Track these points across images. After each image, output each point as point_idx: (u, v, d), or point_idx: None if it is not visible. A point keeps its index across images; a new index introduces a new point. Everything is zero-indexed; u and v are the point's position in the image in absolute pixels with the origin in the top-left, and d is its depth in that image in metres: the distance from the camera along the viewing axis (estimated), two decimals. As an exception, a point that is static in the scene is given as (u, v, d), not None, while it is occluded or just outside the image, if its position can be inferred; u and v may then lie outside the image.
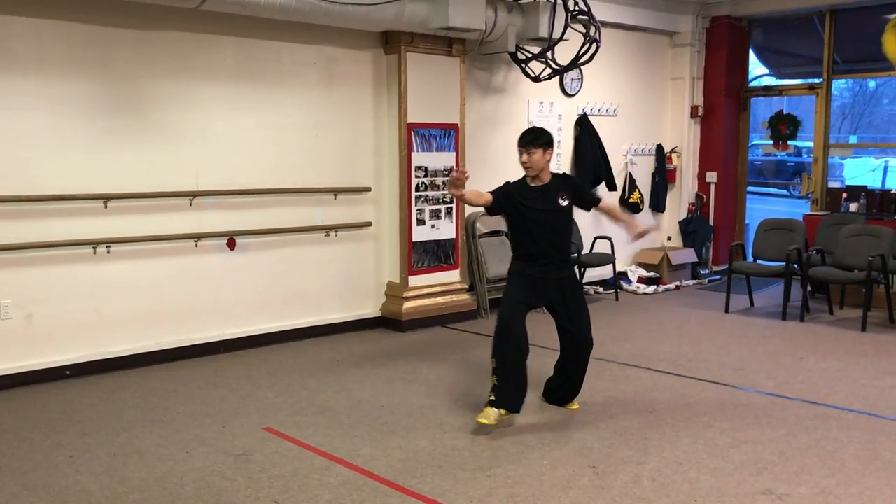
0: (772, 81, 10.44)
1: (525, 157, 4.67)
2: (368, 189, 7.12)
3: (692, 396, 5.25)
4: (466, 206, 7.60)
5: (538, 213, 4.69)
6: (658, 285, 9.15)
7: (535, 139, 4.66)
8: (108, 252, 5.72)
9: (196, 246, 6.13)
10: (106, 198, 5.66)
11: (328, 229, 6.86)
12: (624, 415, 4.86)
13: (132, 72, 5.76)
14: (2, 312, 5.31)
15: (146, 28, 5.75)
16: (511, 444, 4.37)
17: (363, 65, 7.00)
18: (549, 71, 7.75)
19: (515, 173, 4.93)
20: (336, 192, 6.91)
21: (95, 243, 5.64)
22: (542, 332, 5.78)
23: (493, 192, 4.74)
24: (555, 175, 4.83)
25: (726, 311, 7.90)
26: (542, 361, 5.27)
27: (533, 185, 4.75)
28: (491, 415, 4.49)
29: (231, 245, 6.33)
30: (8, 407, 4.97)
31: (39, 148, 5.38)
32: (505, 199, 4.72)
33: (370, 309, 7.26)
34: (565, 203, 4.74)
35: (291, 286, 6.71)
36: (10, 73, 5.24)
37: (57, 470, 4.01)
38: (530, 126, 5.23)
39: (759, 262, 8.29)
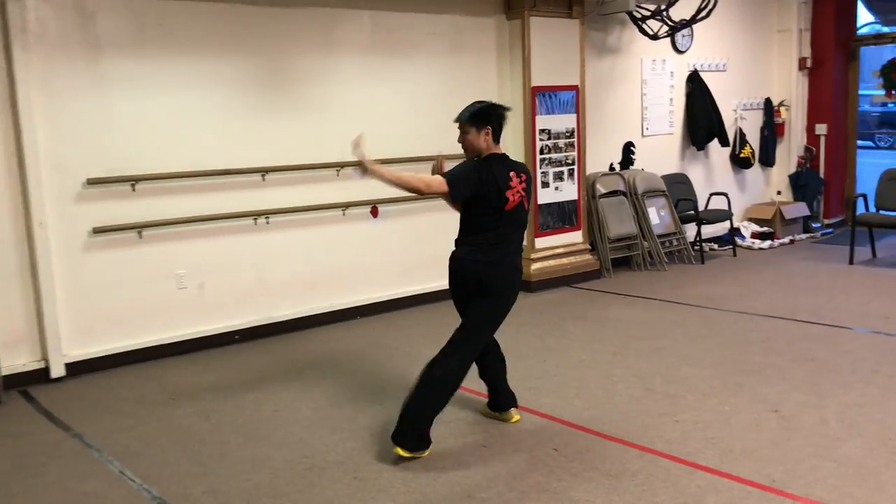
0: (882, 29, 10.21)
1: (460, 137, 4.10)
2: (495, 154, 7.26)
3: (846, 344, 5.32)
4: (588, 166, 7.74)
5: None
6: (772, 240, 9.14)
7: (467, 118, 4.01)
8: (268, 223, 6.02)
9: (343, 214, 6.40)
10: (264, 171, 5.95)
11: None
12: (785, 364, 4.97)
13: (280, 48, 6.01)
14: (178, 282, 5.66)
15: (291, 5, 5.98)
16: (687, 392, 4.53)
17: (487, 31, 7.13)
18: (666, 28, 7.77)
19: (633, 133, 4.90)
20: (464, 158, 7.06)
21: (256, 215, 5.94)
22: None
23: None
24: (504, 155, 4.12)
25: (850, 262, 7.88)
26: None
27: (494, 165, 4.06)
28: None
29: (374, 213, 6.59)
30: (193, 369, 5.33)
31: (204, 126, 5.67)
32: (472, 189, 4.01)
33: (499, 271, 7.45)
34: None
35: (428, 250, 6.93)
36: (175, 56, 5.52)
37: (268, 422, 4.33)
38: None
39: (881, 212, 8.22)
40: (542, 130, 7.27)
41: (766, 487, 3.37)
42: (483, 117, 3.98)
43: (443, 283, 7.06)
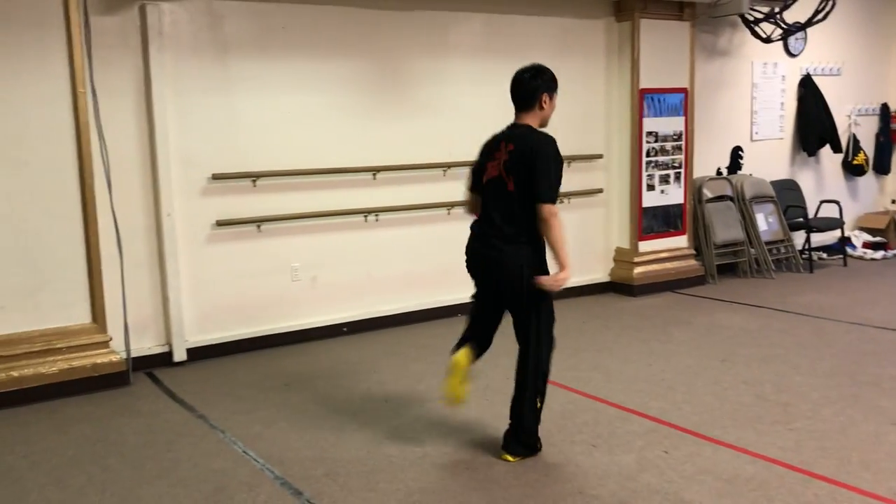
0: None
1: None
2: (600, 156, 7.28)
3: (971, 360, 5.11)
4: (694, 170, 7.63)
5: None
6: (886, 250, 8.79)
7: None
8: (377, 220, 6.19)
9: (448, 213, 6.52)
10: (375, 170, 6.12)
11: (563, 196, 7.07)
12: (905, 376, 4.81)
13: (393, 50, 6.17)
14: (293, 275, 5.89)
15: (407, 9, 6.14)
16: (800, 401, 4.45)
17: (595, 33, 7.13)
18: (779, 31, 7.59)
19: (742, 138, 4.81)
20: (570, 159, 7.09)
21: (366, 212, 6.12)
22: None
23: None
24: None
25: (974, 275, 7.53)
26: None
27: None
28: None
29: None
30: (305, 358, 5.54)
31: (320, 126, 5.89)
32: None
33: (600, 274, 7.45)
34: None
35: (531, 251, 6.99)
36: (296, 58, 5.75)
37: (379, 411, 4.47)
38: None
39: None
40: (650, 133, 7.22)
41: (888, 500, 3.29)
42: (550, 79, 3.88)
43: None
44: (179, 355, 5.43)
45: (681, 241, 7.59)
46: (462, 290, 6.78)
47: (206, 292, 5.55)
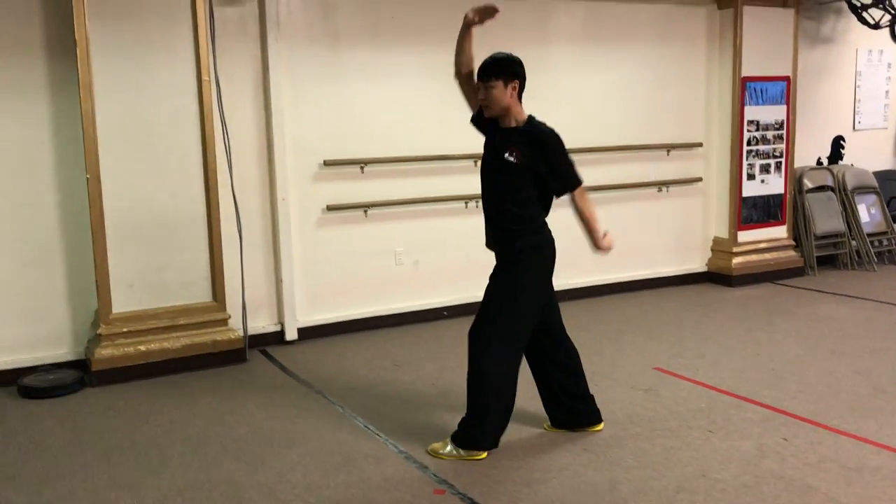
0: None
1: (482, 93, 3.63)
2: (699, 144, 7.21)
3: None
4: (795, 160, 7.49)
5: (485, 165, 3.74)
6: None
7: (493, 69, 3.59)
8: (477, 206, 6.23)
9: (547, 201, 6.56)
10: (475, 157, 6.16)
11: (661, 185, 7.05)
12: None
13: (496, 39, 6.14)
14: (397, 259, 6.03)
15: (511, -3, 6.20)
16: (920, 394, 4.37)
17: (696, 21, 7.05)
18: (888, 17, 7.38)
19: (844, 127, 4.71)
20: (669, 148, 7.06)
21: (467, 199, 6.21)
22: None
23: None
24: (532, 121, 3.69)
25: None
26: None
27: (502, 125, 3.70)
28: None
29: (577, 200, 6.69)
30: (408, 340, 5.66)
31: (424, 113, 5.99)
32: (481, 123, 3.84)
33: (697, 263, 7.39)
34: (511, 159, 3.57)
35: (628, 240, 6.97)
36: (403, 47, 5.87)
37: (490, 393, 4.56)
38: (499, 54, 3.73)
39: None
40: (751, 122, 7.12)
41: None
42: (509, 69, 3.58)
43: (642, 272, 7.15)
44: (291, 334, 5.63)
45: (780, 232, 7.46)
46: (560, 276, 6.70)
47: (316, 274, 5.74)
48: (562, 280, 6.76)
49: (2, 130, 4.79)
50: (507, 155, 3.57)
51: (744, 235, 7.24)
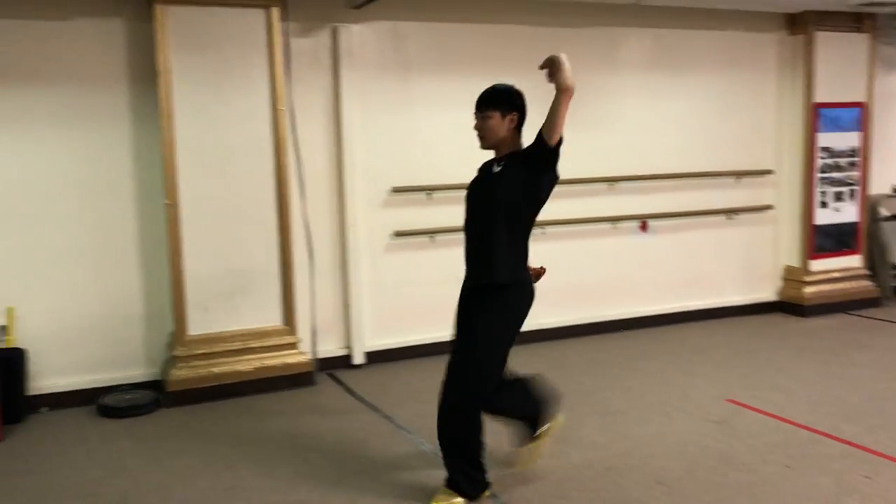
0: None
1: (477, 123, 3.48)
2: (770, 172, 7.09)
3: None
4: (870, 187, 7.30)
5: (469, 193, 3.50)
6: None
7: (490, 99, 3.44)
8: (544, 233, 6.26)
9: (613, 228, 6.52)
10: (543, 183, 6.20)
11: (729, 212, 6.95)
12: None
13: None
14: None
15: (582, 25, 6.21)
16: None
17: (766, 47, 6.97)
18: (969, 41, 7.17)
19: None
20: (737, 175, 6.96)
21: (539, 224, 6.19)
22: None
23: None
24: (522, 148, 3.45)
25: None
26: None
27: (489, 160, 3.53)
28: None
29: (643, 227, 6.65)
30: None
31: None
32: None
33: (767, 293, 7.24)
34: (497, 169, 3.38)
35: (695, 268, 6.89)
36: (467, 75, 5.90)
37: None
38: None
39: None
40: (823, 149, 6.97)
41: None
42: (508, 100, 3.41)
43: (710, 301, 7.04)
44: (358, 358, 5.69)
45: (854, 261, 7.27)
46: (625, 304, 6.81)
47: (383, 299, 5.80)
48: (628, 309, 6.74)
49: (87, 156, 4.98)
50: (494, 167, 3.36)
51: (816, 264, 7.07)
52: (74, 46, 4.90)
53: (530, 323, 6.15)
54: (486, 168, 3.47)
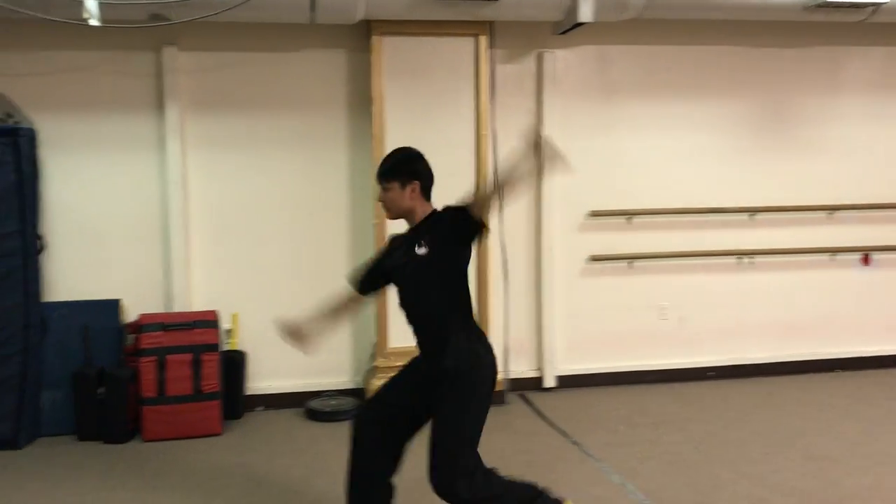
0: None
1: (380, 195, 3.21)
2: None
3: None
4: None
5: (397, 272, 3.23)
6: None
7: (388, 170, 3.17)
8: (752, 263, 5.97)
9: (831, 260, 6.07)
10: (752, 210, 5.92)
11: (865, 251, 6.19)
12: None
13: (778, 89, 5.94)
14: (660, 313, 5.89)
15: (797, 45, 5.88)
16: None
17: None
18: None
19: None
20: (876, 208, 6.20)
21: (740, 254, 5.93)
22: None
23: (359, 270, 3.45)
24: (434, 212, 3.19)
25: None
26: None
27: (406, 231, 3.27)
28: None
29: (866, 261, 6.13)
30: (670, 399, 5.49)
31: (696, 165, 5.85)
32: (373, 272, 3.38)
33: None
34: (423, 251, 3.09)
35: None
36: (676, 99, 5.80)
37: (757, 463, 4.28)
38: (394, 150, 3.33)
39: None
40: None
41: None
42: (405, 169, 3.17)
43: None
44: (549, 381, 5.70)
45: None
46: (842, 343, 6.25)
47: (577, 323, 5.77)
48: (845, 348, 6.14)
49: (306, 176, 5.40)
50: (416, 248, 3.13)
51: None
52: (301, 75, 5.34)
53: (733, 357, 5.97)
54: (405, 245, 3.21)
